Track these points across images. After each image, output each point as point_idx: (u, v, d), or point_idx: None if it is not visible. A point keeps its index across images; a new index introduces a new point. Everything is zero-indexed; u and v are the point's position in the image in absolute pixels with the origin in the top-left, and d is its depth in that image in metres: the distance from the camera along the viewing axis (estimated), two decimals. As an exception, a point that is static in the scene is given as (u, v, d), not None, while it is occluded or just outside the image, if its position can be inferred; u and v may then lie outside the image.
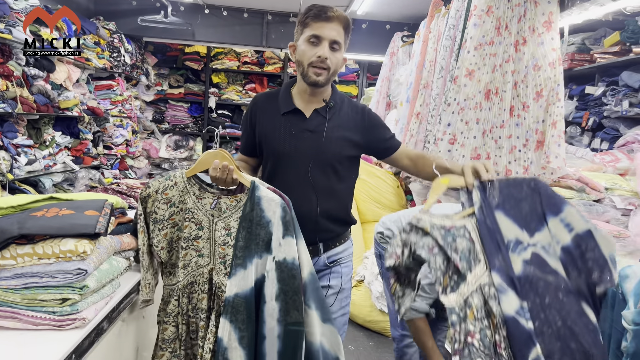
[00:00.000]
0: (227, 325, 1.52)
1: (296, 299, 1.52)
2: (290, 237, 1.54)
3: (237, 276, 1.53)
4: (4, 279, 1.26)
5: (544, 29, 2.77)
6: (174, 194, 1.61)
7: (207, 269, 1.61)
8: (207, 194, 1.62)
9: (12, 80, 3.35)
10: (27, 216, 1.33)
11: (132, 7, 5.70)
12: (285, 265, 1.52)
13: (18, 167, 3.40)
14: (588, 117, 3.87)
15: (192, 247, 1.61)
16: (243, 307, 1.51)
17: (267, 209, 1.55)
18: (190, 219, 1.61)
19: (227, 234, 1.59)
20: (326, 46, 1.69)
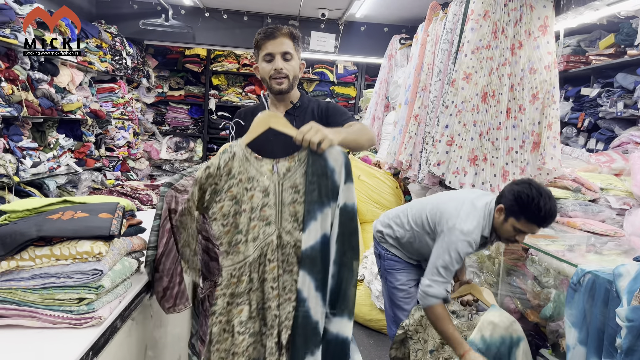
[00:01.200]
0: (307, 278, 1.59)
1: (352, 240, 1.62)
2: (351, 183, 1.62)
3: (310, 228, 1.59)
4: (23, 279, 1.31)
5: (540, 33, 2.83)
6: (234, 165, 1.61)
7: (275, 236, 1.62)
8: (265, 160, 1.62)
9: (18, 84, 3.41)
10: (44, 219, 1.38)
11: (133, 10, 5.75)
12: (345, 210, 1.61)
13: (23, 170, 3.45)
14: (584, 118, 3.92)
15: (258, 218, 1.61)
16: (318, 257, 1.59)
17: (330, 158, 1.61)
18: (255, 187, 1.61)
19: (295, 191, 1.62)
20: (279, 59, 1.94)
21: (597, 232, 2.63)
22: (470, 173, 2.88)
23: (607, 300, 1.78)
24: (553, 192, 2.89)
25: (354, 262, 1.64)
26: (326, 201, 1.60)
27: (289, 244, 1.62)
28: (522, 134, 2.89)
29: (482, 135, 2.87)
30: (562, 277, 2.19)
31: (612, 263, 2.21)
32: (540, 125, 2.87)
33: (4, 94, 3.20)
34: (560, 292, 2.16)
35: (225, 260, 1.61)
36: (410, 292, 2.68)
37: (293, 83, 2.01)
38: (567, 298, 1.90)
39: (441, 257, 2.17)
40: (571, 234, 2.62)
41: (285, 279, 1.63)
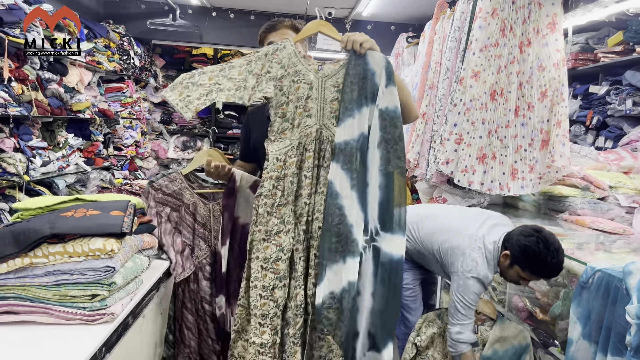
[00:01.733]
0: (339, 171, 1.65)
1: (397, 148, 1.67)
2: (393, 86, 1.67)
3: (345, 124, 1.66)
4: (37, 276, 1.33)
5: (548, 31, 2.82)
6: (283, 56, 1.74)
7: (315, 129, 1.72)
8: (312, 61, 1.75)
9: (27, 84, 3.43)
10: (57, 217, 1.39)
11: (141, 10, 5.78)
12: (387, 113, 1.66)
13: (33, 169, 3.48)
14: (592, 116, 3.91)
15: (302, 107, 1.73)
16: (353, 153, 1.65)
17: (371, 62, 1.69)
18: (301, 80, 1.73)
19: (337, 90, 1.71)
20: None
21: (606, 230, 2.62)
22: (479, 171, 2.87)
23: (617, 298, 1.77)
24: (562, 190, 2.90)
25: (401, 173, 1.67)
26: (364, 101, 1.67)
27: (327, 139, 1.71)
28: (531, 132, 2.88)
29: (491, 134, 2.87)
30: (572, 276, 2.18)
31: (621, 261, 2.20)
32: (549, 123, 2.86)
33: (14, 93, 3.22)
34: (570, 291, 2.16)
35: (271, 146, 1.74)
36: (415, 290, 2.70)
37: None
38: (574, 294, 1.90)
39: (461, 300, 2.18)
40: (580, 232, 2.61)
41: (321, 173, 1.72)
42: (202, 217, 2.08)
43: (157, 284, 1.75)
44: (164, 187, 2.06)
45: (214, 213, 2.11)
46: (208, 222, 2.09)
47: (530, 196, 3.15)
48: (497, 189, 2.90)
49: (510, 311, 2.62)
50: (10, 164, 3.19)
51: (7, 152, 3.21)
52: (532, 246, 2.04)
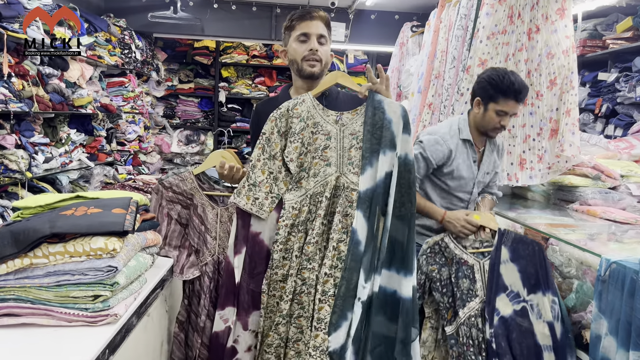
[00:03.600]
0: (361, 219, 1.73)
1: (410, 192, 1.77)
2: (408, 135, 1.76)
3: (366, 173, 1.75)
4: (37, 277, 1.29)
5: (557, 17, 2.75)
6: (302, 110, 1.80)
7: (335, 177, 1.78)
8: (330, 111, 1.82)
9: (28, 79, 3.39)
10: (57, 215, 1.36)
11: (141, 3, 5.72)
12: (402, 160, 1.76)
13: (36, 166, 3.44)
14: (601, 103, 3.85)
15: (320, 157, 1.79)
16: (373, 201, 1.74)
17: (388, 110, 1.78)
18: (319, 131, 1.80)
19: (354, 137, 1.79)
20: (314, 40, 1.88)
21: (618, 220, 2.57)
22: (487, 162, 2.83)
23: (634, 290, 1.73)
24: (572, 180, 2.85)
25: (412, 215, 1.77)
26: (382, 149, 1.75)
27: (344, 185, 1.78)
28: (540, 121, 2.82)
29: (499, 123, 2.81)
30: (585, 267, 2.13)
31: (633, 251, 2.16)
32: (559, 112, 2.80)
33: (14, 89, 3.18)
34: (583, 283, 2.11)
35: (288, 195, 1.79)
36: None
37: (324, 69, 1.94)
38: (595, 289, 1.85)
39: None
40: (591, 222, 2.56)
41: (338, 218, 1.76)
42: (209, 221, 2.02)
43: (161, 282, 1.71)
44: (175, 186, 2.02)
45: (221, 218, 2.04)
46: (214, 227, 2.03)
47: (540, 186, 3.10)
48: (505, 180, 2.85)
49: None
50: (12, 161, 3.16)
51: (8, 149, 3.17)
52: (492, 74, 2.22)
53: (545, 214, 2.75)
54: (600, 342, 1.82)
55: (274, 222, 1.80)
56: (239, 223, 1.83)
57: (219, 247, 2.02)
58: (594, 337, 1.85)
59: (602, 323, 1.81)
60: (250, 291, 1.81)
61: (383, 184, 1.75)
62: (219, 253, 2.02)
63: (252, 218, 1.81)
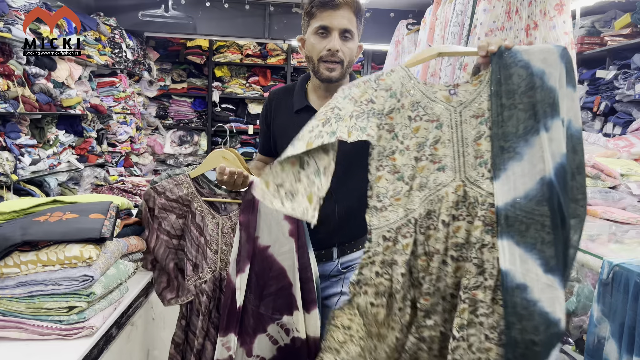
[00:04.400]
0: (516, 251, 1.07)
1: (575, 185, 1.11)
2: (572, 89, 1.10)
3: (508, 173, 1.08)
4: (8, 287, 1.21)
5: (556, 12, 2.69)
6: (393, 80, 1.18)
7: (453, 188, 1.14)
8: (439, 85, 1.19)
9: (13, 79, 3.30)
10: (30, 221, 1.28)
11: (132, 2, 5.63)
12: (570, 132, 1.10)
13: (22, 168, 3.36)
14: (599, 101, 3.79)
15: (426, 157, 1.16)
16: (535, 217, 1.07)
17: (533, 60, 1.10)
18: (422, 116, 1.17)
19: (482, 121, 1.13)
20: (336, 37, 1.53)
21: (619, 220, 2.51)
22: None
23: (637, 294, 1.67)
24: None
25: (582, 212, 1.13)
26: (536, 125, 1.07)
27: (475, 201, 1.12)
28: (539, 120, 2.76)
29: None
30: (586, 270, 2.07)
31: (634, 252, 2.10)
32: (558, 110, 2.74)
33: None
34: (584, 286, 2.05)
35: (375, 218, 1.17)
36: None
37: (346, 71, 1.60)
38: (597, 292, 1.79)
39: None
40: (591, 222, 2.50)
41: (470, 254, 1.12)
42: (209, 232, 1.72)
43: (145, 290, 1.64)
44: (168, 191, 1.72)
45: (223, 229, 1.74)
46: (215, 240, 1.73)
47: (538, 186, 3.04)
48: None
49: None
50: (-4, 163, 3.07)
51: (-7, 151, 3.09)
52: None
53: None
54: (602, 346, 1.76)
55: (285, 235, 1.53)
56: (242, 235, 1.56)
57: (221, 262, 1.72)
58: (596, 341, 1.79)
59: (605, 327, 1.75)
60: (257, 314, 1.57)
61: (547, 185, 1.06)
62: (221, 269, 1.72)
63: (258, 228, 1.54)
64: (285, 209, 1.15)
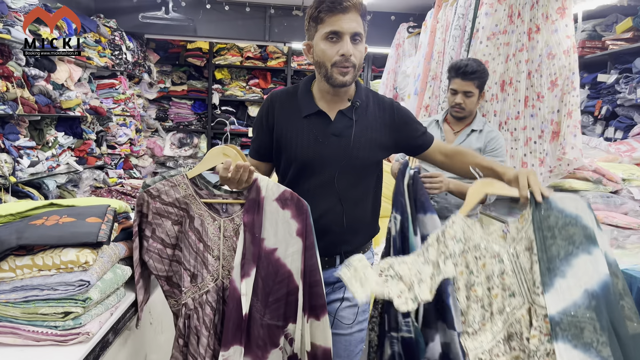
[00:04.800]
0: (572, 352, 1.20)
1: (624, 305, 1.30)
2: (601, 231, 1.31)
3: (555, 287, 1.25)
4: (3, 292, 1.19)
5: (558, 16, 2.68)
6: (456, 230, 1.38)
7: (525, 310, 1.31)
8: (493, 227, 1.40)
9: (13, 81, 3.29)
10: (26, 225, 1.26)
11: (132, 3, 5.63)
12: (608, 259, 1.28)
13: (21, 170, 3.34)
14: (601, 105, 3.78)
15: (498, 286, 1.35)
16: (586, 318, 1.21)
17: (566, 207, 1.31)
18: (484, 255, 1.37)
19: (533, 252, 1.32)
20: (348, 41, 1.50)
21: (621, 225, 2.49)
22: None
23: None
24: (573, 183, 2.77)
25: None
26: (576, 250, 1.27)
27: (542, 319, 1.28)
28: (541, 123, 2.74)
29: (502, 126, 2.73)
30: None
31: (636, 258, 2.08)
32: (560, 114, 2.72)
33: (-3, 91, 3.09)
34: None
35: (471, 342, 1.33)
36: None
37: (357, 74, 1.59)
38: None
39: None
40: (593, 227, 2.49)
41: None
42: (209, 236, 1.56)
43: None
44: (164, 194, 1.55)
45: (224, 232, 1.58)
46: (216, 245, 1.56)
47: (540, 190, 3.02)
48: (506, 184, 2.76)
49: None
50: (-5, 165, 3.05)
51: (-9, 153, 3.07)
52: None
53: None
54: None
55: (292, 235, 1.49)
56: (246, 237, 1.48)
57: (223, 270, 1.56)
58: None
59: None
60: (266, 324, 1.49)
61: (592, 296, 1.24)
62: (223, 277, 1.55)
63: (264, 230, 1.48)
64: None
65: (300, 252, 1.50)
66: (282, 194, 1.51)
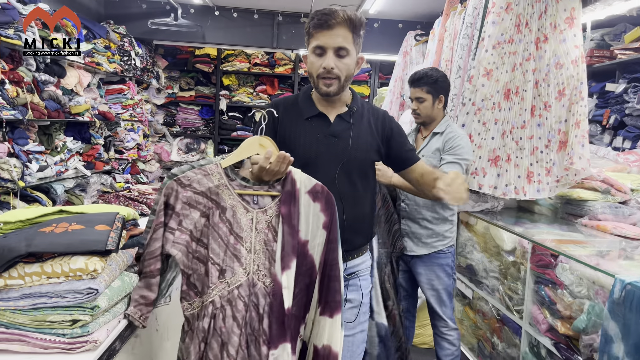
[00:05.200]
0: None
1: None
2: None
3: None
4: (12, 299, 1.20)
5: (566, 26, 2.67)
6: None
7: None
8: None
9: (23, 86, 3.32)
10: (36, 232, 1.26)
11: (142, 10, 5.67)
12: None
13: (29, 174, 3.36)
14: (609, 115, 3.76)
15: None
16: None
17: None
18: None
19: None
20: (331, 56, 1.63)
21: (629, 236, 2.48)
22: (490, 174, 2.73)
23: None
24: (581, 193, 2.75)
25: None
26: None
27: None
28: (548, 133, 2.73)
29: (505, 135, 2.72)
30: (597, 287, 2.03)
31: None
32: (567, 123, 2.71)
33: (8, 96, 3.11)
34: (595, 304, 2.01)
35: None
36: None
37: (344, 84, 1.70)
38: (608, 310, 1.75)
39: None
40: (601, 238, 2.47)
41: None
42: (242, 228, 1.50)
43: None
44: (196, 183, 1.48)
45: (256, 225, 1.51)
46: (249, 237, 1.50)
47: (547, 200, 3.01)
48: (512, 193, 2.75)
49: (529, 323, 2.48)
50: (4, 170, 3.07)
51: (0, 157, 3.09)
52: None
53: (553, 228, 2.66)
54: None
55: (320, 227, 1.51)
56: (285, 229, 1.46)
57: (254, 264, 1.49)
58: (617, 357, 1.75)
59: (619, 347, 1.71)
60: (293, 316, 1.47)
61: None
62: (253, 272, 1.49)
63: (300, 221, 1.48)
64: None
65: (323, 244, 1.52)
66: (313, 187, 1.54)
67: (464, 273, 3.29)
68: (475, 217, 3.10)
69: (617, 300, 1.72)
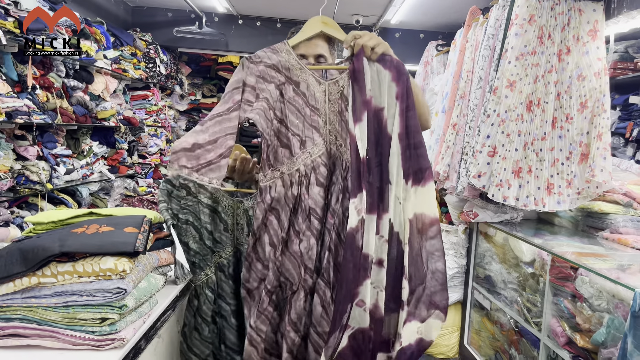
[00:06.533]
0: None
1: None
2: None
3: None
4: (45, 296, 1.25)
5: (589, 38, 2.67)
6: None
7: None
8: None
9: (53, 91, 3.42)
10: (68, 233, 1.32)
11: (167, 18, 5.78)
12: None
13: (57, 177, 3.45)
14: (632, 127, 3.72)
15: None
16: None
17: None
18: None
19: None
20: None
21: (651, 250, 2.45)
22: (514, 186, 2.73)
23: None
24: (603, 206, 2.74)
25: None
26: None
27: None
28: (569, 145, 2.72)
29: (527, 146, 2.72)
30: (617, 301, 2.02)
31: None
32: (589, 136, 2.70)
33: (38, 101, 3.21)
34: (615, 317, 2.00)
35: None
36: None
37: None
38: (629, 324, 1.74)
39: None
40: (622, 252, 2.45)
41: None
42: (317, 99, 1.59)
43: (173, 303, 1.66)
44: (266, 58, 1.57)
45: (329, 96, 1.60)
46: (323, 108, 1.59)
47: (567, 212, 2.99)
48: (532, 205, 2.75)
49: (548, 336, 2.47)
50: (33, 172, 3.17)
51: (30, 160, 3.19)
52: None
53: (573, 241, 2.64)
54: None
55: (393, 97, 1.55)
56: (354, 87, 1.53)
57: (330, 135, 1.59)
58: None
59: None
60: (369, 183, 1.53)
61: None
62: (330, 142, 1.59)
63: (370, 88, 1.52)
64: None
65: (397, 115, 1.54)
66: (381, 55, 1.57)
67: (482, 284, 3.28)
68: (494, 227, 3.09)
69: (637, 313, 1.71)
